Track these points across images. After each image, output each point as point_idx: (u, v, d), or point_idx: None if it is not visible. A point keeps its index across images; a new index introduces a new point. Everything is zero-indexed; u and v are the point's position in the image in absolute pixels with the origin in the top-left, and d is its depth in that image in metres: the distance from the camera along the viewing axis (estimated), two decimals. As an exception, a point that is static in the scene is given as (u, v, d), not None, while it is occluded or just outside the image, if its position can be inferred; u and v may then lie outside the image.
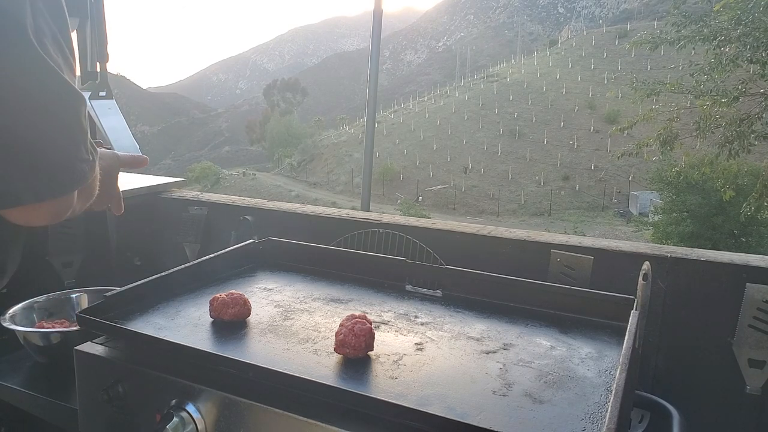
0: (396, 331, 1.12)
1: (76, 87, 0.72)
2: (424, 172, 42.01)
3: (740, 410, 1.34)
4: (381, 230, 1.74)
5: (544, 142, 44.03)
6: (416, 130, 48.90)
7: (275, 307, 1.23)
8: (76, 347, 1.06)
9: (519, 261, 1.58)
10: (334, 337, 0.99)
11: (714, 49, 9.00)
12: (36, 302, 1.59)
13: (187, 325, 1.11)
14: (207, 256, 1.41)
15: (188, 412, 0.92)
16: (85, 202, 0.86)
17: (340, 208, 2.28)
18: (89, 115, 0.80)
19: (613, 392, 0.80)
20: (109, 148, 1.13)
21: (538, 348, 1.06)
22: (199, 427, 0.92)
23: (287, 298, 1.28)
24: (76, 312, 1.10)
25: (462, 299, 1.29)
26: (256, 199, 2.21)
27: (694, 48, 9.84)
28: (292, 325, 1.13)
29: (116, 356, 1.03)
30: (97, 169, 0.81)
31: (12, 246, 0.87)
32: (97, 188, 0.86)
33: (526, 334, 1.13)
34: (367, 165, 6.68)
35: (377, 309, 1.24)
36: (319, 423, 0.82)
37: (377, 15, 5.73)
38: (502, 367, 0.98)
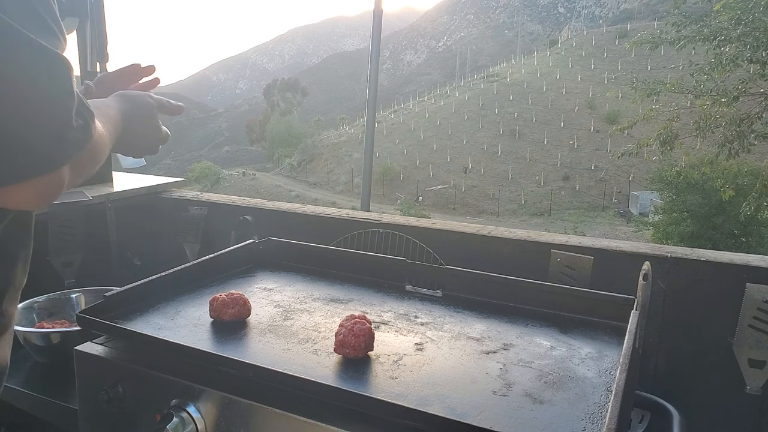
0: (396, 331, 1.12)
1: (54, 49, 0.63)
2: (424, 172, 42.01)
3: (740, 410, 1.34)
4: (381, 230, 1.74)
5: (544, 142, 44.04)
6: (416, 130, 48.91)
7: (275, 307, 1.23)
8: (76, 347, 1.06)
9: (519, 261, 1.58)
10: (333, 338, 0.99)
11: (714, 48, 9.01)
12: (36, 302, 1.59)
13: (187, 325, 1.11)
14: (207, 256, 1.41)
15: (188, 413, 0.92)
16: (91, 169, 0.78)
17: (340, 208, 2.28)
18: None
19: (613, 392, 0.80)
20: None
21: (538, 348, 1.06)
22: (199, 427, 0.91)
23: (287, 298, 1.28)
24: (76, 312, 1.10)
25: (462, 299, 1.29)
26: (256, 199, 2.21)
27: (694, 48, 9.86)
28: (292, 325, 1.13)
29: (116, 356, 1.03)
30: (98, 129, 0.72)
31: (19, 229, 0.79)
32: (106, 149, 0.79)
33: (526, 334, 1.13)
34: (367, 165, 6.68)
35: (377, 309, 1.24)
36: (319, 423, 0.82)
37: (377, 15, 5.73)
38: (502, 367, 0.98)
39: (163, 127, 1.04)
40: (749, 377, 1.32)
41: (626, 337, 0.96)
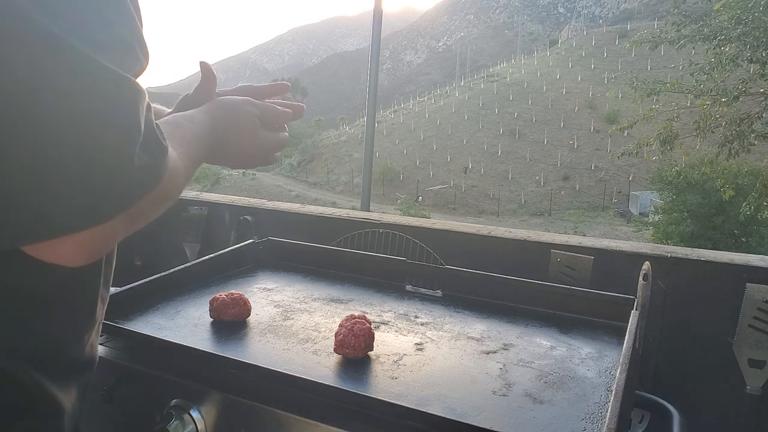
0: (396, 331, 1.12)
1: (119, 71, 0.51)
2: (424, 172, 42.04)
3: (740, 410, 1.35)
4: (381, 230, 1.74)
5: (544, 142, 44.08)
6: (416, 130, 48.96)
7: (275, 307, 1.23)
8: (76, 347, 1.06)
9: (519, 261, 1.58)
10: (333, 338, 0.99)
11: (714, 48, 9.01)
12: (36, 302, 1.58)
13: (187, 325, 1.11)
14: (207, 256, 1.41)
15: (188, 412, 0.92)
16: (157, 212, 0.65)
17: (340, 208, 2.28)
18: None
19: (613, 392, 0.80)
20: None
21: (538, 348, 1.06)
22: (199, 427, 0.91)
23: (287, 298, 1.28)
24: (76, 312, 1.09)
25: (462, 299, 1.29)
26: (256, 199, 2.21)
27: (694, 47, 9.85)
28: (292, 325, 1.13)
29: (116, 356, 1.03)
30: (171, 166, 0.59)
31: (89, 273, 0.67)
32: (181, 185, 0.68)
33: (526, 334, 1.13)
34: (367, 165, 6.69)
35: (377, 309, 1.24)
36: (319, 423, 0.82)
37: (377, 15, 5.73)
38: (502, 367, 0.98)
39: (278, 134, 0.89)
40: (749, 377, 1.32)
41: (626, 337, 0.96)
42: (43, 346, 0.63)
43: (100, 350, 1.05)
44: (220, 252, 1.44)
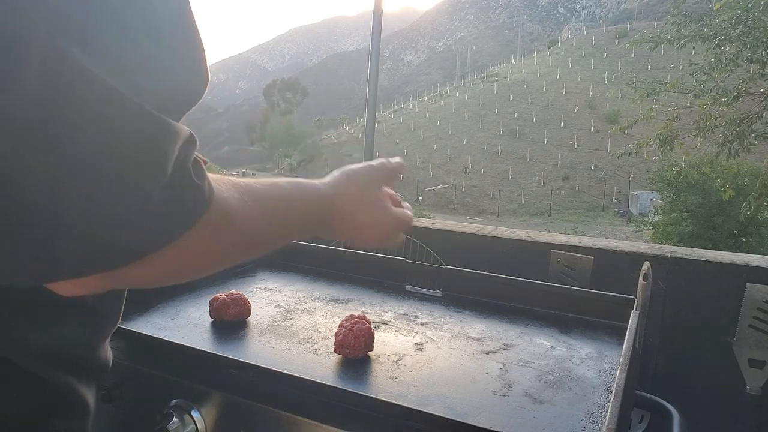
0: (396, 331, 1.12)
1: (150, 110, 0.44)
2: (424, 172, 42.04)
3: (740, 410, 1.35)
4: (381, 230, 1.74)
5: (544, 142, 44.09)
6: (416, 130, 48.98)
7: (275, 307, 1.23)
8: (76, 347, 1.06)
9: (519, 261, 1.58)
10: (333, 338, 0.99)
11: (714, 48, 9.01)
12: (36, 302, 1.58)
13: (187, 325, 1.11)
14: (207, 256, 1.40)
15: (188, 412, 0.92)
16: (201, 272, 0.56)
17: (340, 208, 2.28)
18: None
19: (613, 392, 0.80)
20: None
21: (538, 348, 1.06)
22: (199, 427, 0.91)
23: (287, 298, 1.28)
24: (76, 312, 1.09)
25: (462, 299, 1.29)
26: (256, 199, 2.21)
27: (694, 47, 9.85)
28: (292, 325, 1.13)
29: (116, 356, 1.03)
30: (217, 216, 0.50)
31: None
32: (248, 245, 0.59)
33: (526, 334, 1.13)
34: (367, 165, 6.66)
35: (377, 309, 1.24)
36: (319, 423, 0.82)
37: (377, 15, 5.73)
38: (502, 367, 0.98)
39: (403, 210, 0.78)
40: (749, 377, 1.32)
41: (626, 337, 0.96)
42: (75, 350, 0.65)
43: (100, 350, 1.05)
44: (220, 252, 1.44)
